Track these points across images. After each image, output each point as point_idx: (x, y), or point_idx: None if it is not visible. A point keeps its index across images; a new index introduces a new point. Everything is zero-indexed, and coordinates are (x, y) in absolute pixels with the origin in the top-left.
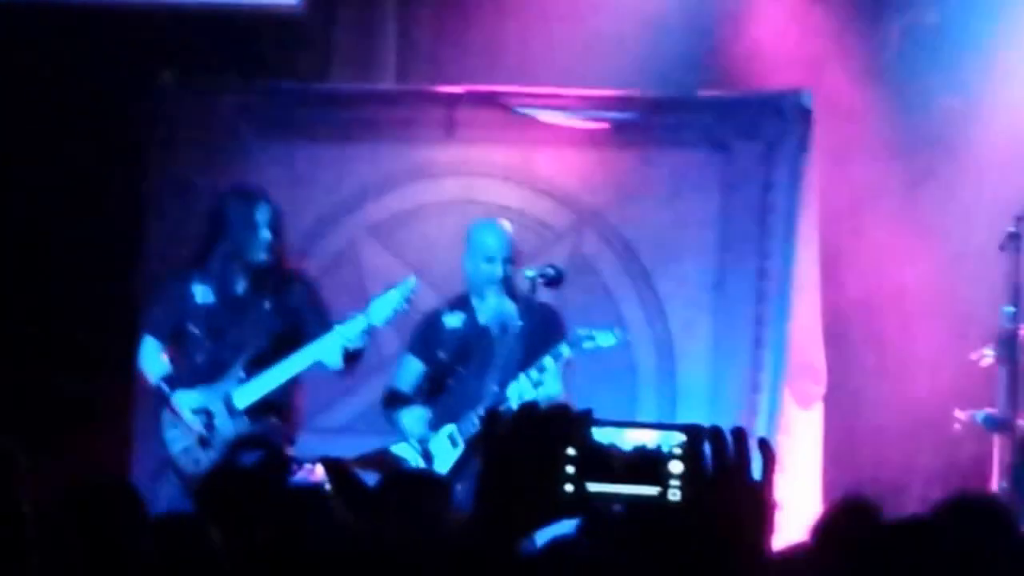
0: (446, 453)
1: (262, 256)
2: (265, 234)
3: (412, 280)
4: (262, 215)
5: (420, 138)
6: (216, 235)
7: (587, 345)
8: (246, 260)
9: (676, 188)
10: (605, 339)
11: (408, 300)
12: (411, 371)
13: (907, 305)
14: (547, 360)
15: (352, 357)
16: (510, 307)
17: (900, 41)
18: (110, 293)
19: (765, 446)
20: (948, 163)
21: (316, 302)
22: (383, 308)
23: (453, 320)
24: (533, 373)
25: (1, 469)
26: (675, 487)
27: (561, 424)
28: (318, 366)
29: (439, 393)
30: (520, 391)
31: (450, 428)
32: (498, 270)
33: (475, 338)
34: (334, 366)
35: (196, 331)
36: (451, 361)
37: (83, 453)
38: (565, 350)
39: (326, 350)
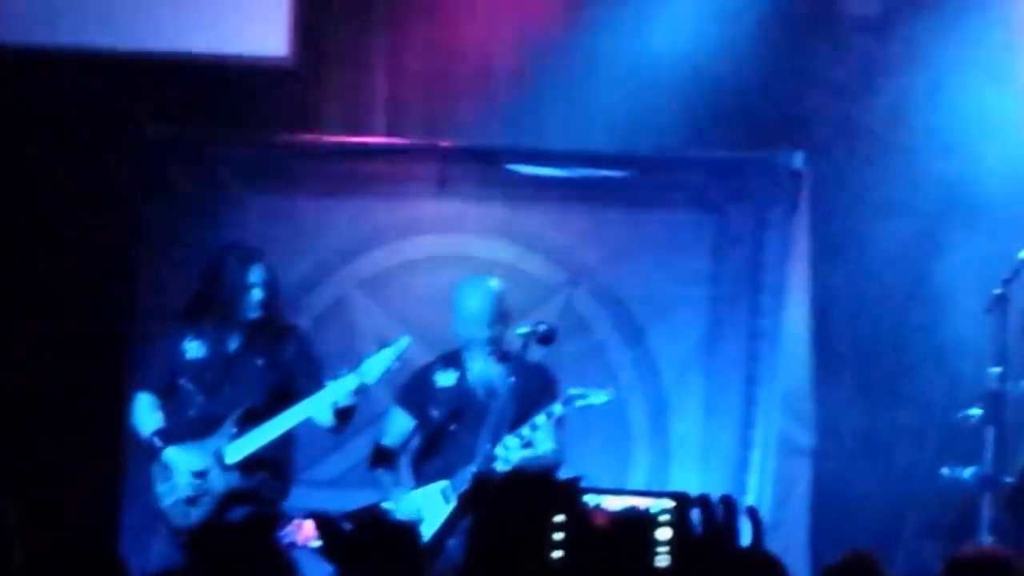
0: (438, 509)
1: (255, 315)
2: (258, 294)
3: (406, 340)
4: (255, 275)
5: (411, 193)
6: (209, 292)
7: (579, 403)
8: (238, 318)
9: (668, 246)
10: (597, 397)
11: (401, 360)
12: (399, 425)
13: (896, 364)
14: (540, 419)
15: (343, 414)
16: (496, 369)
17: (890, 104)
18: (99, 345)
19: (753, 514)
20: (938, 224)
21: (309, 359)
22: (375, 367)
23: (446, 378)
24: (525, 431)
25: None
26: (663, 553)
27: (549, 491)
28: (309, 422)
29: (432, 451)
30: (508, 452)
31: (443, 484)
32: (483, 333)
33: (467, 397)
34: (325, 423)
35: (188, 386)
36: (444, 419)
37: (73, 508)
38: (558, 408)
39: (316, 407)
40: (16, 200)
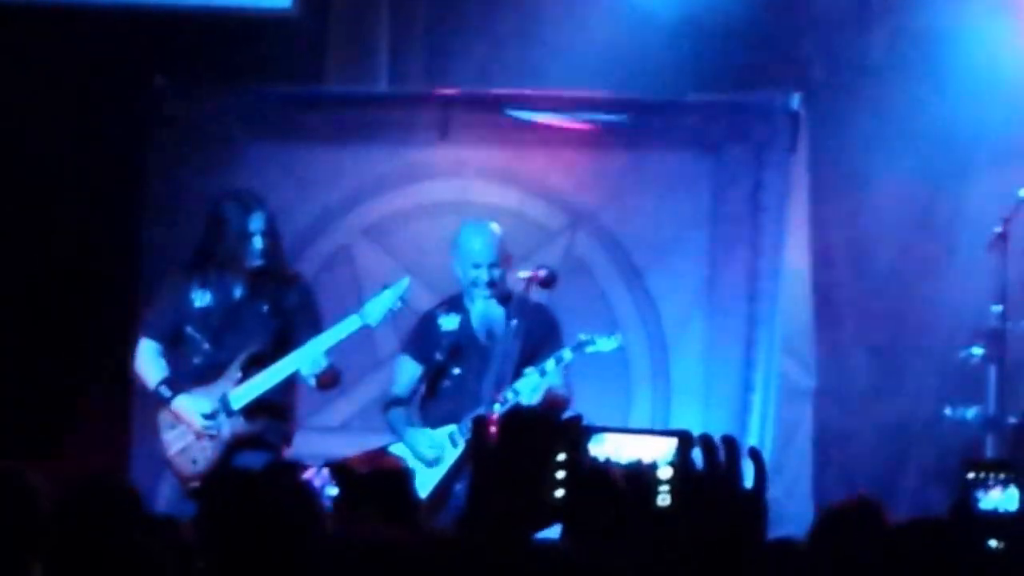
0: (446, 453)
1: (257, 263)
2: (259, 242)
3: (406, 280)
4: (256, 223)
5: (414, 140)
6: (212, 240)
7: (589, 349)
8: (241, 267)
9: (667, 188)
10: (607, 343)
11: (403, 300)
12: (408, 373)
13: (897, 303)
14: (549, 364)
15: (325, 384)
16: (498, 312)
17: (888, 43)
18: (108, 295)
19: (755, 455)
20: (937, 163)
21: (310, 308)
22: (377, 308)
23: (449, 322)
24: (535, 377)
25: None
26: (664, 492)
27: (549, 430)
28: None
29: (438, 395)
30: (532, 386)
31: (450, 428)
32: (484, 275)
33: (471, 340)
34: (308, 378)
35: (195, 334)
36: (447, 362)
37: (82, 455)
38: (567, 354)
39: (317, 350)
40: (25, 152)
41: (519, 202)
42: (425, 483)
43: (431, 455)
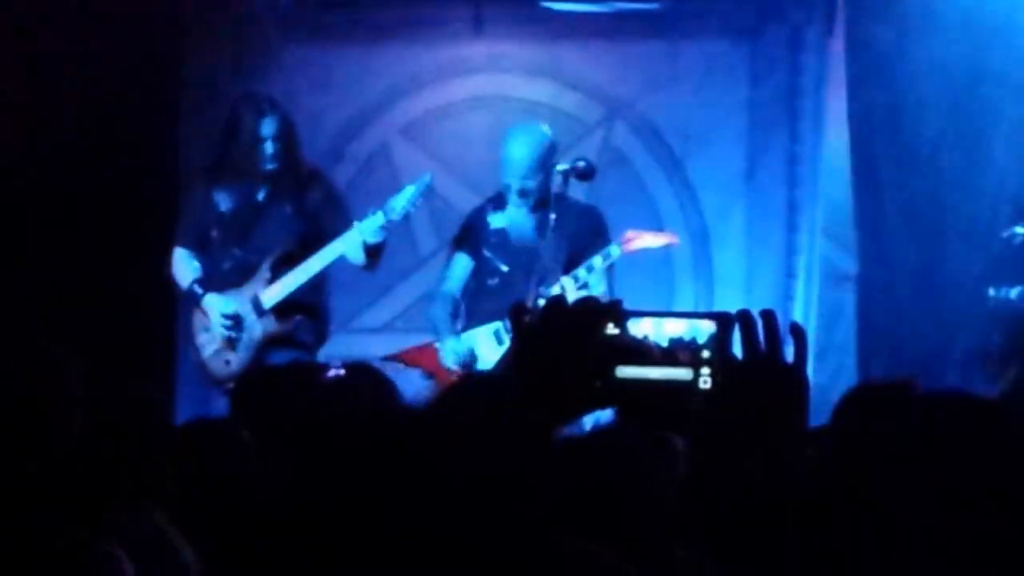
0: (491, 350)
1: (271, 166)
2: (270, 147)
3: (428, 176)
4: (267, 128)
5: (448, 36)
6: (228, 144)
7: (636, 245)
8: (257, 170)
9: (704, 76)
10: (655, 240)
11: (423, 194)
12: (460, 268)
13: (938, 184)
14: (596, 260)
15: (373, 252)
16: (542, 213)
17: None
18: (147, 202)
19: (797, 330)
20: (977, 40)
21: (335, 202)
22: (398, 203)
23: (497, 220)
24: (581, 272)
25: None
26: (706, 374)
27: (590, 316)
28: (345, 264)
29: (485, 293)
30: (564, 293)
31: (496, 325)
32: (529, 183)
33: (517, 238)
34: (356, 261)
35: (221, 238)
36: (495, 260)
37: (127, 383)
38: (615, 251)
39: (347, 247)
40: (64, 58)
41: (555, 95)
42: None
43: (453, 363)
